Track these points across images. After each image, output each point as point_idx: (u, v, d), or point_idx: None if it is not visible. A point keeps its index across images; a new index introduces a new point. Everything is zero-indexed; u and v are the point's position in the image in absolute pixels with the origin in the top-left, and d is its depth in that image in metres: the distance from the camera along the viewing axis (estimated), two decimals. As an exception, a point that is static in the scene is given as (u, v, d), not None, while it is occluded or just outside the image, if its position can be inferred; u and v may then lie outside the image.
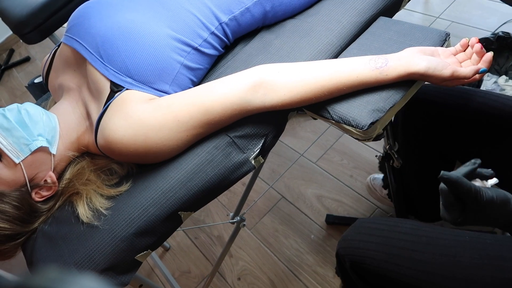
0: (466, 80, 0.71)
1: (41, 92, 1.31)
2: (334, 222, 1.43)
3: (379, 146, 1.53)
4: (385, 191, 1.38)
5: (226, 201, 1.67)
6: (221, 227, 1.61)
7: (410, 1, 0.95)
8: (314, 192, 1.56)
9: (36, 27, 1.53)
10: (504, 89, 1.26)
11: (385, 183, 1.38)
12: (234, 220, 1.11)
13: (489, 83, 1.29)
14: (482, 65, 0.71)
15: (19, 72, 3.06)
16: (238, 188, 1.68)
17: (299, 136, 1.75)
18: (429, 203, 1.18)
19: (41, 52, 3.10)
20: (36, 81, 1.37)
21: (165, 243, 1.62)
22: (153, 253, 1.52)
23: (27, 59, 3.12)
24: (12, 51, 3.28)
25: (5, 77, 3.09)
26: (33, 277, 0.28)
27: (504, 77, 1.28)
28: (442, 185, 0.61)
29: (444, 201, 0.61)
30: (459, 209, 0.60)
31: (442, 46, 0.78)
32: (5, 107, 0.77)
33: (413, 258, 0.70)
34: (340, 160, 1.61)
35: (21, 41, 3.33)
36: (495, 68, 1.29)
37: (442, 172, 0.59)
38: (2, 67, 3.11)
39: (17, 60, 3.15)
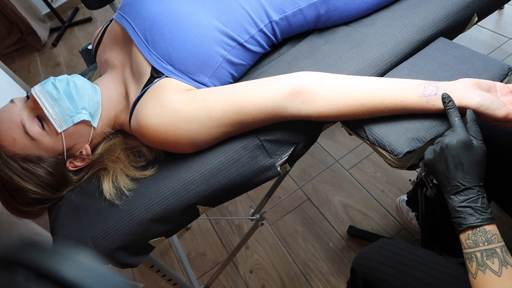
0: None
1: (92, 59, 1.35)
2: (356, 234, 1.40)
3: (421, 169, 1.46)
4: (411, 215, 1.32)
5: (252, 192, 1.67)
6: (242, 215, 1.62)
7: (478, 22, 0.88)
8: (341, 200, 1.53)
9: (97, -6, 1.57)
10: None
11: (410, 206, 1.32)
12: (254, 218, 1.11)
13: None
14: None
15: (80, 31, 3.19)
16: (268, 182, 1.68)
17: (336, 140, 1.71)
18: (457, 238, 1.12)
19: (103, 15, 3.20)
20: (89, 47, 1.42)
21: (186, 222, 1.65)
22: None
23: (89, 20, 3.24)
24: (76, 10, 3.42)
25: (66, 34, 3.23)
26: (26, 249, 0.29)
27: None
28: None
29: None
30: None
31: (502, 81, 0.72)
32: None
33: None
34: (373, 172, 1.56)
35: (86, 1, 3.45)
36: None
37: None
38: (66, 24, 3.25)
39: (80, 19, 3.28)
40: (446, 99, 0.65)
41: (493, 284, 0.57)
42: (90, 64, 1.33)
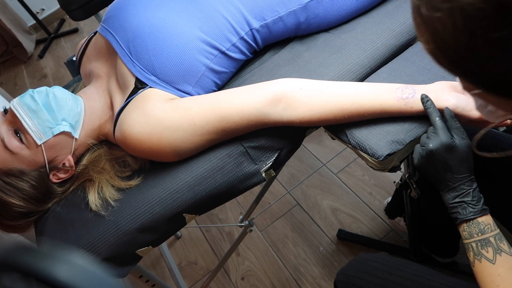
0: (494, 124, 0.67)
1: (77, 70, 1.35)
2: (346, 238, 1.41)
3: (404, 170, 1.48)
4: (399, 218, 1.34)
5: (241, 199, 1.68)
6: (233, 222, 1.62)
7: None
8: (330, 204, 1.54)
9: (82, 6, 1.58)
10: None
11: (392, 211, 1.34)
12: (242, 224, 1.11)
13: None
14: None
15: (67, 42, 3.18)
16: (257, 188, 1.68)
17: (324, 145, 1.73)
18: (444, 238, 1.14)
19: (89, 25, 3.20)
20: (74, 58, 1.42)
21: (177, 231, 1.65)
22: (164, 239, 1.55)
23: (75, 30, 3.23)
24: (62, 21, 3.41)
25: (53, 45, 3.22)
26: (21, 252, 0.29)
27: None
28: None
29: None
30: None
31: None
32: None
33: None
34: (361, 175, 1.58)
35: (72, 12, 3.44)
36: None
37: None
38: (52, 35, 3.24)
39: (66, 30, 3.27)
40: (424, 99, 0.67)
41: (489, 272, 0.60)
42: (76, 75, 1.33)
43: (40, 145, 0.77)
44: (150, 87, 0.78)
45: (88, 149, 0.85)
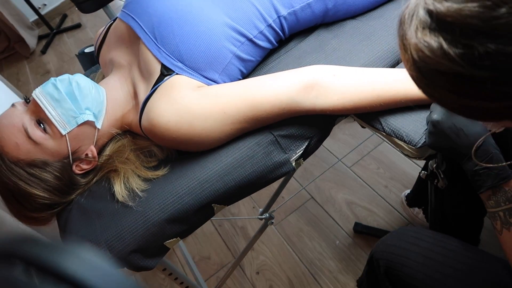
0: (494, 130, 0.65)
1: (89, 62, 1.33)
2: (362, 231, 1.39)
3: (420, 161, 1.46)
4: (417, 209, 1.32)
5: (254, 194, 1.65)
6: (245, 216, 1.60)
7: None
8: (345, 197, 1.52)
9: (92, -3, 1.55)
10: None
11: (411, 201, 1.32)
12: (263, 217, 1.09)
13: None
14: None
15: (69, 37, 3.15)
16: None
17: (336, 138, 1.71)
18: (465, 231, 1.13)
19: (92, 20, 3.16)
20: (86, 50, 1.39)
21: (189, 225, 1.63)
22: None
23: (78, 26, 3.20)
24: (65, 16, 3.37)
25: (55, 41, 3.18)
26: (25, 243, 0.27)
27: None
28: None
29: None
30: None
31: None
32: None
33: (453, 276, 0.68)
34: (376, 169, 1.56)
35: (74, 7, 3.41)
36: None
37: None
38: (54, 31, 3.20)
39: (68, 25, 3.24)
40: None
41: None
42: (88, 67, 1.30)
43: (64, 135, 0.75)
44: (177, 74, 0.76)
45: (111, 139, 0.83)
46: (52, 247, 0.27)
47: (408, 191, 1.37)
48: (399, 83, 0.69)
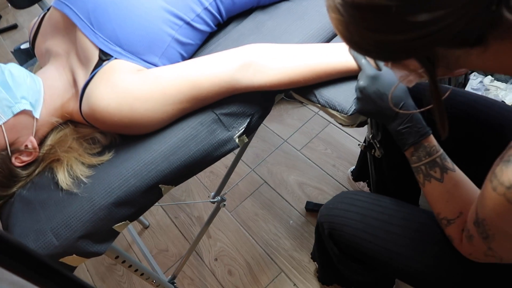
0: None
1: (26, 58, 1.28)
2: (314, 209, 1.45)
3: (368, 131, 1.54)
4: (363, 183, 1.40)
5: (208, 182, 1.67)
6: (202, 208, 1.62)
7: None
8: (296, 179, 1.58)
9: (25, -8, 1.49)
10: (488, 89, 1.28)
11: (356, 176, 1.40)
12: (215, 200, 1.11)
13: (474, 83, 1.31)
14: None
15: (5, 39, 2.98)
16: (221, 170, 1.69)
17: (285, 123, 1.76)
18: (406, 193, 1.21)
19: (29, 20, 3.01)
20: (22, 46, 1.35)
21: (144, 220, 1.62)
22: (132, 230, 1.52)
23: (14, 27, 3.03)
24: (-1, 17, 3.19)
25: (-10, 43, 3.01)
26: None
27: (489, 77, 1.30)
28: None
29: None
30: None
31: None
32: None
33: (386, 229, 0.74)
34: (324, 149, 1.63)
35: (9, 7, 3.24)
36: (481, 69, 1.31)
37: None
38: (-12, 32, 3.02)
39: (4, 26, 3.06)
40: (350, 50, 0.72)
41: (438, 190, 0.66)
42: (24, 63, 1.26)
43: (0, 125, 0.73)
44: (115, 58, 0.76)
45: (52, 129, 0.82)
46: None
47: (353, 167, 1.45)
48: (330, 56, 0.74)
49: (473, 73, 1.34)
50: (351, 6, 0.42)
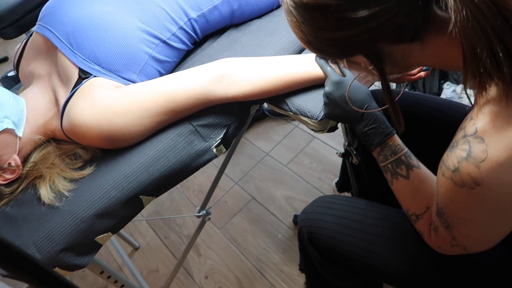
0: (412, 77, 0.77)
1: (13, 84, 1.32)
2: (301, 222, 1.47)
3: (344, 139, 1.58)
4: (347, 194, 1.43)
5: (197, 201, 1.69)
6: (191, 226, 1.62)
7: None
8: (283, 193, 1.60)
9: (13, 23, 1.54)
10: (461, 97, 1.33)
11: (340, 187, 1.43)
12: (200, 214, 1.13)
13: (448, 92, 1.36)
14: None
15: (-4, 72, 3.03)
16: (209, 187, 1.71)
17: (271, 140, 1.79)
18: (387, 196, 1.24)
19: (19, 53, 3.07)
20: (9, 74, 1.39)
21: (134, 242, 1.62)
22: (122, 251, 1.52)
23: (5, 59, 3.10)
24: (-10, 51, 3.25)
25: (-19, 76, 3.05)
26: None
27: (461, 85, 1.36)
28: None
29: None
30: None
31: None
32: None
33: (361, 229, 0.76)
34: (309, 163, 1.66)
35: (-1, 41, 3.30)
36: (453, 77, 1.37)
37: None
38: (-21, 66, 3.07)
39: (-6, 60, 3.12)
40: (316, 59, 0.77)
41: (405, 186, 0.68)
42: (11, 88, 1.30)
43: (-17, 144, 0.75)
44: (95, 76, 0.80)
45: (35, 147, 0.84)
46: None
47: (337, 179, 1.47)
48: (298, 66, 0.78)
49: (446, 83, 1.39)
50: (300, 7, 0.47)
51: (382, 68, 0.51)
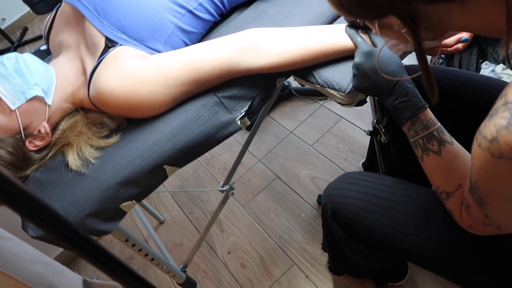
0: (449, 49, 0.72)
1: (46, 56, 1.35)
2: (326, 202, 1.45)
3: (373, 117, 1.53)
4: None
5: (221, 178, 1.69)
6: (215, 203, 1.64)
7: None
8: (308, 173, 1.58)
9: (45, -2, 1.58)
10: (501, 77, 1.26)
11: (367, 168, 1.39)
12: (223, 189, 1.13)
13: (486, 72, 1.29)
14: (465, 35, 0.73)
15: (32, 50, 3.12)
16: (231, 161, 1.71)
17: (297, 119, 1.77)
18: (416, 175, 1.20)
19: (53, 31, 3.15)
20: (41, 48, 1.42)
21: (159, 216, 1.65)
22: (148, 225, 1.55)
23: (40, 37, 3.18)
24: (25, 30, 3.35)
25: (17, 54, 3.15)
26: None
27: (501, 65, 1.28)
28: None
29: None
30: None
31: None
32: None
33: (389, 206, 0.74)
34: (336, 144, 1.63)
35: (35, 20, 3.40)
36: (493, 57, 1.29)
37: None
38: (15, 44, 3.18)
39: (30, 38, 3.22)
40: (346, 28, 0.74)
41: (436, 162, 0.65)
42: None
43: (14, 110, 0.77)
44: (121, 45, 0.80)
45: (64, 116, 0.86)
46: None
47: (364, 160, 1.44)
48: (326, 36, 0.75)
49: (485, 62, 1.31)
50: None
51: (416, 32, 0.47)
